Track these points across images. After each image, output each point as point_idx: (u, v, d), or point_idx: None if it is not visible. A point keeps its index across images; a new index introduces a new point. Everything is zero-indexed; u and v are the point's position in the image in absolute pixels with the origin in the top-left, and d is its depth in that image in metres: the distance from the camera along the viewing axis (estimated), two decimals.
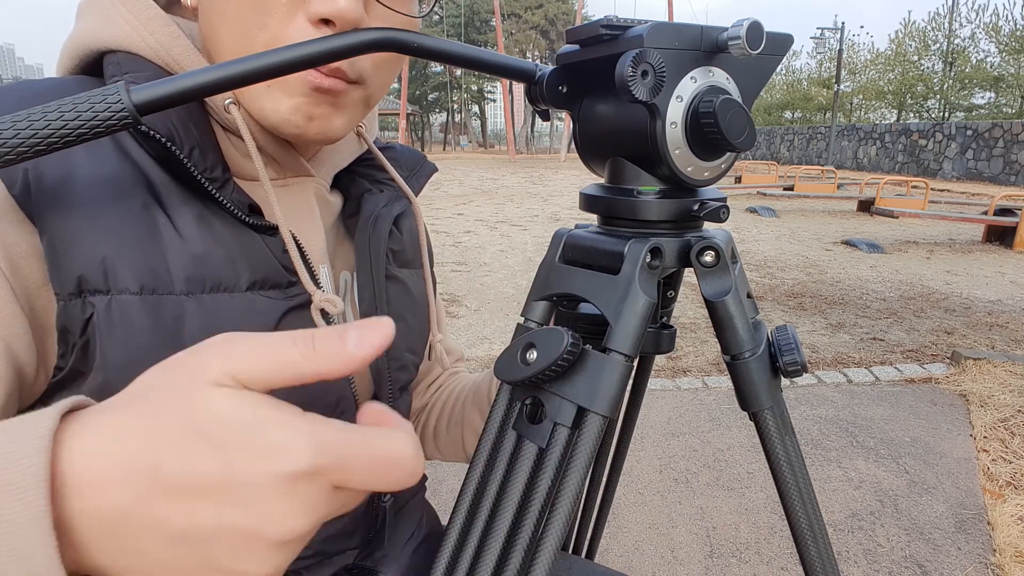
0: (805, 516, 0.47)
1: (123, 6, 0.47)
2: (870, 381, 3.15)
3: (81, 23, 0.48)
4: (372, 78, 0.48)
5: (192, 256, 0.44)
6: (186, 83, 0.36)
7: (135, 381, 0.26)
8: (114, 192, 0.43)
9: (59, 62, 0.50)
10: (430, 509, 0.72)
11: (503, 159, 29.27)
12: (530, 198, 11.47)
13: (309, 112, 0.46)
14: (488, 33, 41.94)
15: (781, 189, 11.74)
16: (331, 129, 0.48)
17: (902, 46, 26.14)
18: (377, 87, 0.49)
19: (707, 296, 0.45)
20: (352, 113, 0.49)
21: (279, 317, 0.48)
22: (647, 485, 2.24)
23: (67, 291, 0.41)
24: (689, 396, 2.96)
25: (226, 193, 0.46)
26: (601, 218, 0.48)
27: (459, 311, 4.29)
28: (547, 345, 0.40)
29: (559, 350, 0.39)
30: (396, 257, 0.60)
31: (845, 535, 1.97)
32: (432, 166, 0.70)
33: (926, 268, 5.76)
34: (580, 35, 0.42)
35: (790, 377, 0.46)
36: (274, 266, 0.48)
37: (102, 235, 0.42)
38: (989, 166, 15.97)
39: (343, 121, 0.48)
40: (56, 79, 0.47)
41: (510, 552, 0.41)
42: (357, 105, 0.49)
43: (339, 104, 0.47)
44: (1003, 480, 2.24)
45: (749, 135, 0.40)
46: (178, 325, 0.43)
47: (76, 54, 0.48)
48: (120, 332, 0.42)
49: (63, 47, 0.49)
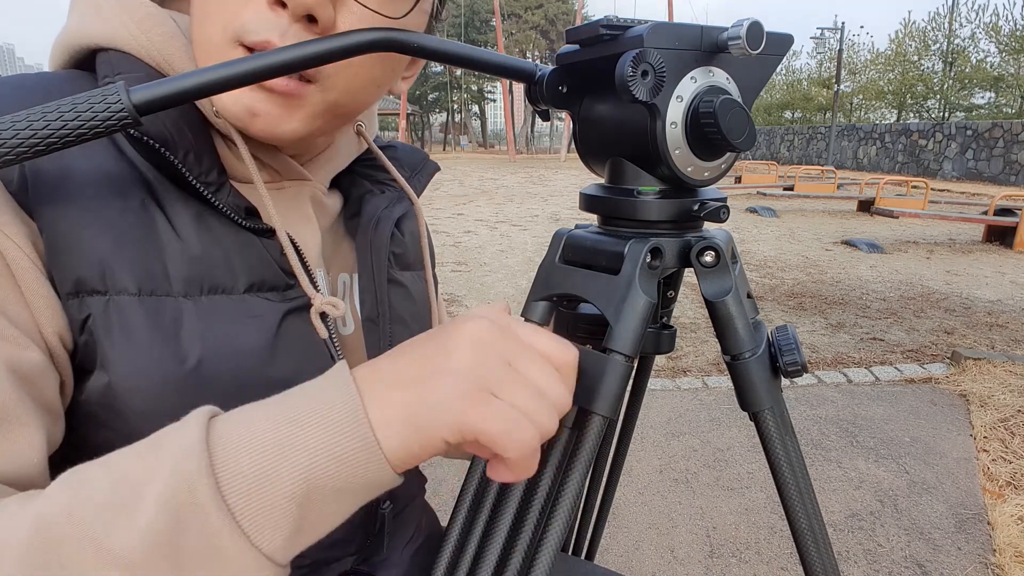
0: (805, 516, 0.47)
1: (116, 2, 0.46)
2: (870, 381, 3.15)
3: (74, 17, 0.47)
4: (333, 79, 0.44)
5: (190, 258, 0.44)
6: (186, 83, 0.36)
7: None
8: (112, 192, 0.43)
9: (51, 57, 0.49)
10: (430, 511, 0.72)
11: (503, 159, 29.28)
12: (530, 198, 11.47)
13: (252, 108, 0.43)
14: (488, 33, 41.94)
15: (781, 189, 11.74)
16: (279, 130, 0.45)
17: (902, 46, 26.13)
18: (341, 90, 0.45)
19: (707, 296, 0.45)
20: (310, 117, 0.45)
21: (279, 320, 0.47)
22: (647, 485, 2.24)
23: (65, 291, 0.41)
24: (689, 396, 2.96)
25: (222, 197, 0.45)
26: (601, 218, 0.48)
27: (459, 311, 4.29)
28: None
29: None
30: (398, 260, 0.60)
31: (845, 535, 1.97)
32: (434, 165, 0.69)
33: (926, 268, 5.76)
34: (580, 35, 0.42)
35: (790, 377, 0.46)
36: (272, 268, 0.48)
37: (100, 235, 0.42)
38: (989, 166, 15.97)
39: (296, 124, 0.45)
40: (48, 74, 0.47)
41: (510, 553, 0.41)
42: (316, 107, 0.45)
43: (292, 105, 0.44)
44: (1003, 480, 2.24)
45: (749, 135, 0.40)
46: (176, 327, 0.43)
47: (68, 50, 0.47)
48: (119, 333, 0.41)
49: (55, 41, 0.49)
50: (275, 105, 0.44)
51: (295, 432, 0.32)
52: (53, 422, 0.41)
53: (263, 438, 0.32)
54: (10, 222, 0.39)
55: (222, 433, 0.33)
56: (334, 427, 0.33)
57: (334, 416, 0.33)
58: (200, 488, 0.30)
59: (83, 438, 0.43)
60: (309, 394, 0.35)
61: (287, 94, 0.43)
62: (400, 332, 0.57)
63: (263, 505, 0.31)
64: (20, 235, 0.40)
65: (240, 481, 0.31)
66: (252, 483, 0.31)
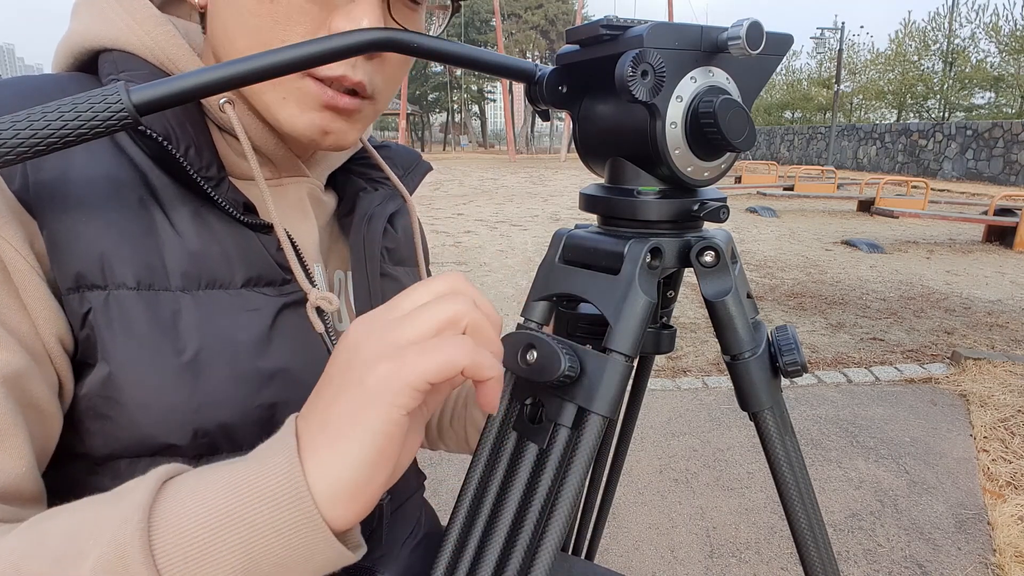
0: (805, 516, 0.47)
1: (119, 5, 0.47)
2: (870, 381, 3.15)
3: (77, 22, 0.48)
4: (384, 92, 0.50)
5: (188, 252, 0.45)
6: (186, 83, 0.36)
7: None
8: (111, 188, 0.43)
9: (55, 60, 0.50)
10: (429, 509, 0.72)
11: (503, 159, 29.27)
12: (530, 198, 11.47)
13: (325, 127, 0.47)
14: (488, 33, 41.93)
15: (781, 189, 11.73)
16: (345, 142, 0.50)
17: (902, 46, 26.12)
18: (386, 99, 0.51)
19: (707, 296, 0.45)
20: (363, 126, 0.51)
21: (274, 314, 0.48)
22: (647, 485, 2.24)
23: (66, 286, 0.42)
24: (689, 396, 2.96)
25: (221, 192, 0.46)
26: (601, 218, 0.48)
27: None
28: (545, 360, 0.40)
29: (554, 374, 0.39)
30: (391, 255, 0.61)
31: (845, 535, 1.97)
32: (427, 165, 0.70)
33: (926, 268, 5.76)
34: (580, 35, 0.42)
35: (790, 377, 0.46)
36: (269, 263, 0.49)
37: (100, 231, 0.42)
38: (989, 166, 15.97)
39: (356, 135, 0.50)
40: (52, 75, 0.47)
41: (510, 552, 0.41)
42: (368, 118, 0.51)
43: (354, 120, 0.49)
44: (1003, 480, 2.24)
45: (749, 135, 0.40)
46: (174, 320, 0.44)
47: (72, 53, 0.48)
48: (118, 326, 0.42)
49: (59, 45, 0.49)
50: (343, 122, 0.48)
51: (236, 503, 0.31)
52: (42, 421, 0.41)
53: (207, 507, 0.31)
54: (8, 224, 0.40)
55: (168, 499, 0.31)
56: (274, 505, 0.31)
57: (272, 491, 0.31)
58: (133, 560, 0.29)
59: (86, 430, 0.43)
60: (259, 457, 0.33)
61: (353, 111, 0.48)
62: None
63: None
64: (18, 238, 0.40)
65: (178, 554, 0.30)
66: (190, 558, 0.30)
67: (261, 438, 0.46)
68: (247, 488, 0.31)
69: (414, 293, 0.35)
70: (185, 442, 0.43)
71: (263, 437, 0.46)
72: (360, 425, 0.31)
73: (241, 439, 0.45)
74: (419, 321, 0.33)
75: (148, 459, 0.43)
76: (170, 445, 0.43)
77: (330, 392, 0.33)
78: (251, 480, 0.31)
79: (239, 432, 0.45)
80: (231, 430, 0.45)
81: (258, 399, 0.46)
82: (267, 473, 0.31)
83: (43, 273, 0.41)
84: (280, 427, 0.46)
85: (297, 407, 0.47)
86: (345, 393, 0.32)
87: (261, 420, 0.46)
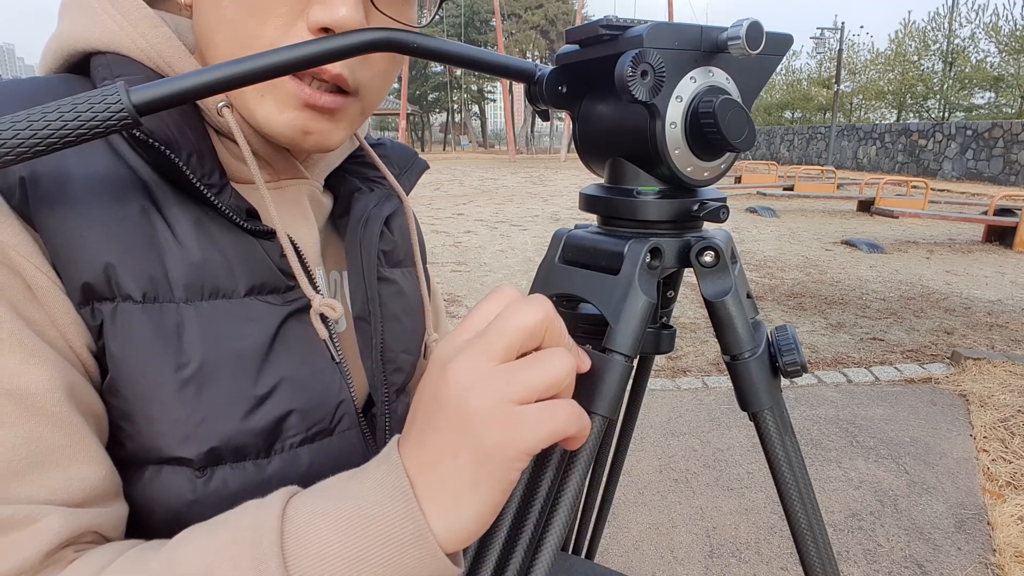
0: (805, 516, 0.47)
1: (111, 6, 0.46)
2: (870, 381, 3.15)
3: (65, 22, 0.47)
4: (369, 88, 0.48)
5: (190, 263, 0.44)
6: (185, 83, 0.36)
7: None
8: (112, 199, 0.42)
9: (42, 62, 0.49)
10: None
11: (503, 159, 29.28)
12: (530, 198, 11.47)
13: (305, 127, 0.46)
14: (488, 33, 41.94)
15: (781, 189, 11.74)
16: (328, 143, 0.48)
17: (902, 46, 26.13)
18: (374, 97, 0.49)
19: (707, 296, 0.45)
20: (349, 124, 0.49)
21: (279, 323, 0.48)
22: (647, 485, 2.24)
23: (76, 301, 0.41)
24: (689, 396, 2.96)
25: (224, 199, 0.45)
26: (601, 218, 0.48)
27: (459, 311, 4.29)
28: None
29: None
30: (388, 258, 0.60)
31: (845, 535, 1.97)
32: (423, 163, 0.69)
33: (926, 268, 5.76)
34: (580, 35, 0.42)
35: (790, 377, 0.46)
36: (272, 271, 0.48)
37: (103, 241, 0.41)
38: (989, 166, 15.97)
39: (341, 134, 0.48)
40: (41, 78, 0.46)
41: (510, 552, 0.41)
42: (355, 116, 0.49)
43: (337, 118, 0.47)
44: (1003, 480, 2.24)
45: (749, 135, 0.40)
46: (178, 332, 0.43)
47: (61, 54, 0.47)
48: (123, 339, 0.42)
49: (46, 46, 0.48)
50: (324, 121, 0.46)
51: (363, 545, 0.34)
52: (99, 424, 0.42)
53: (333, 549, 0.34)
54: (22, 243, 0.39)
55: (294, 542, 0.34)
56: (400, 545, 0.34)
57: (398, 534, 0.34)
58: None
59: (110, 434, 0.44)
60: (370, 497, 0.35)
61: (334, 110, 0.46)
62: (393, 329, 0.57)
63: None
64: (35, 254, 0.40)
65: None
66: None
67: (266, 448, 0.46)
68: (374, 528, 0.34)
69: (513, 316, 0.35)
70: (190, 454, 0.43)
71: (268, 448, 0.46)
72: (482, 486, 0.34)
73: (246, 450, 0.45)
74: (531, 383, 0.35)
75: (154, 467, 0.43)
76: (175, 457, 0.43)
77: (441, 437, 0.35)
78: (377, 518, 0.34)
79: (244, 443, 0.45)
80: (236, 441, 0.44)
81: (262, 409, 0.45)
82: (390, 516, 0.34)
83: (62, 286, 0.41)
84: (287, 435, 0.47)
85: (301, 415, 0.47)
86: (462, 449, 0.34)
87: (266, 431, 0.45)
